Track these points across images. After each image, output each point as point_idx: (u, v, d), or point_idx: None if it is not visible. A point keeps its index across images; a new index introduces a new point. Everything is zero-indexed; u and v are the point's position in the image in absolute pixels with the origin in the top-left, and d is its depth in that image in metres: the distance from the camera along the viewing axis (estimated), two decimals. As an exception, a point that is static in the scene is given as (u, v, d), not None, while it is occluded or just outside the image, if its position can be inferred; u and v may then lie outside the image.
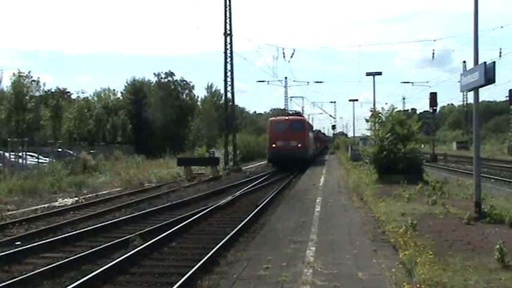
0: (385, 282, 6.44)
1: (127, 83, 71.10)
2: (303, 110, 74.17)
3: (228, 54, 34.45)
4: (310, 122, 71.03)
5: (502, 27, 37.23)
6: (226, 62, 34.58)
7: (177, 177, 27.89)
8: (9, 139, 29.25)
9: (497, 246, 7.05)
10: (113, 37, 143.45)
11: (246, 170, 35.54)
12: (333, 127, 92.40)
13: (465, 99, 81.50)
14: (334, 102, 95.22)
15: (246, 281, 6.72)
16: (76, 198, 18.44)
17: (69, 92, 69.13)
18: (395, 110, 22.51)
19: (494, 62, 10.58)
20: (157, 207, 15.64)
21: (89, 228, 11.96)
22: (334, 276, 6.73)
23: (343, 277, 6.71)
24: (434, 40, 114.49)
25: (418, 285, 5.99)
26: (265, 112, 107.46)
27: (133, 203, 17.20)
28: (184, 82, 74.87)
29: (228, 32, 34.61)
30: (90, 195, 19.98)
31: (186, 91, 76.34)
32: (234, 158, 36.20)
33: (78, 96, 64.90)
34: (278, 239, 9.57)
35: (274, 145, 33.26)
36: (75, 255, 9.11)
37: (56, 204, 17.29)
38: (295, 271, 7.06)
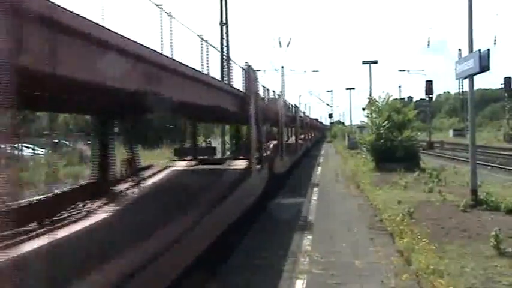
0: (382, 270, 6.47)
1: (123, 72, 70.77)
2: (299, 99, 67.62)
3: (225, 44, 34.21)
4: (307, 111, 67.01)
5: (497, 14, 37.15)
6: (222, 52, 34.34)
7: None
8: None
9: (493, 233, 7.10)
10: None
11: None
12: (330, 116, 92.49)
13: (461, 87, 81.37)
14: (331, 91, 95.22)
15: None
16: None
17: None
18: (391, 98, 22.55)
19: (488, 50, 10.56)
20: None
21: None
22: (331, 265, 6.77)
23: (340, 265, 6.75)
24: (430, 28, 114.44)
25: (416, 273, 6.03)
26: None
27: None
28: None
29: (224, 22, 34.29)
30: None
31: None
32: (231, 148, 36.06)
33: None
34: (276, 226, 9.58)
35: None
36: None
37: (53, 195, 17.23)
38: (293, 260, 7.10)
